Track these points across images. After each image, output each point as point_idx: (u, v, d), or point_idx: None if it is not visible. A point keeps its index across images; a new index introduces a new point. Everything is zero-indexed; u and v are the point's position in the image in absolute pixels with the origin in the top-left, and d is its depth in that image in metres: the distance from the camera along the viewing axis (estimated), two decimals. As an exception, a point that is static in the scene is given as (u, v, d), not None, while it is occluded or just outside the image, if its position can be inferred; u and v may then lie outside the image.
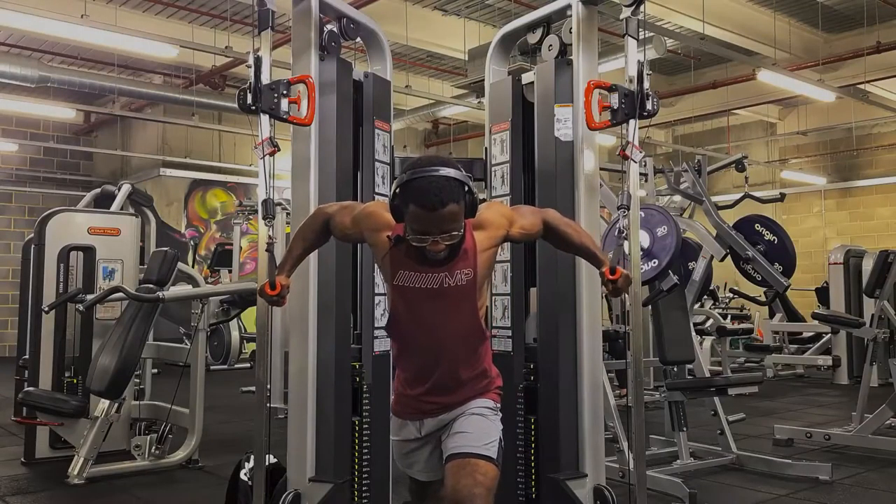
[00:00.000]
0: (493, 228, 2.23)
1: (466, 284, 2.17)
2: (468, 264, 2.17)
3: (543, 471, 2.87)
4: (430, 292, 2.16)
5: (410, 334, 2.24)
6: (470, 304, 2.21)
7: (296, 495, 2.66)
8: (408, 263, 2.16)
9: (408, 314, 2.21)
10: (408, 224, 2.09)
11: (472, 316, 2.22)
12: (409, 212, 2.05)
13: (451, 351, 2.22)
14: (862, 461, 4.68)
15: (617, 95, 2.61)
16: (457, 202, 2.04)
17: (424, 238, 2.06)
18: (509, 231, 2.28)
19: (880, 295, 5.42)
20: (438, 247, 2.07)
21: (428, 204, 2.01)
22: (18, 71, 8.84)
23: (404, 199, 2.05)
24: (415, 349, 2.26)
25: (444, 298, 2.17)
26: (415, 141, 15.01)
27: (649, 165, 5.67)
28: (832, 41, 11.06)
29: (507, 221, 2.27)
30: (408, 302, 2.19)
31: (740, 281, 7.75)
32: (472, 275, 2.17)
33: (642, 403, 2.73)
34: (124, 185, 5.42)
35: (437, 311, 2.18)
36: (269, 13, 2.57)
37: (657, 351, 4.71)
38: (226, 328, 8.02)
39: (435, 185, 2.01)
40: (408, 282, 2.17)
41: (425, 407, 2.26)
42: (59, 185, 13.12)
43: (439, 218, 2.02)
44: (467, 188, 2.08)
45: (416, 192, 2.02)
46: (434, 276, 2.15)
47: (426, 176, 2.03)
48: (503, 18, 8.97)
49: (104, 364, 4.22)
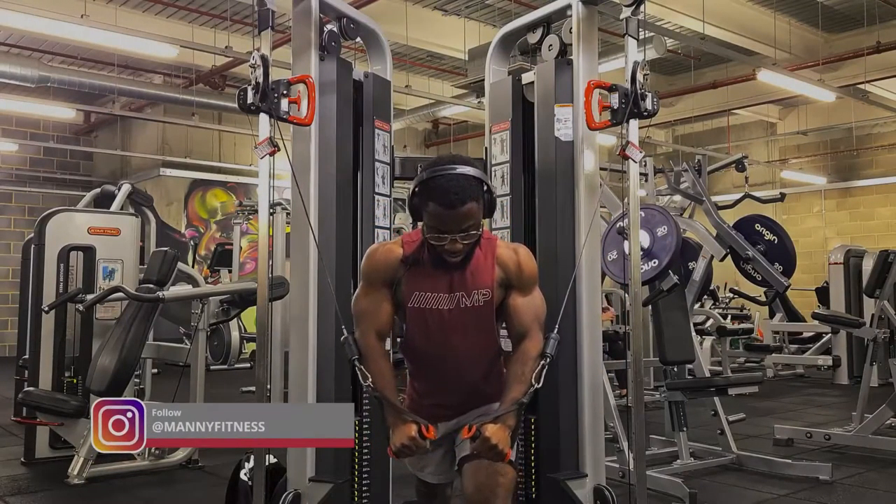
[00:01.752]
0: (508, 274, 2.18)
1: (484, 305, 2.16)
2: (486, 285, 2.15)
3: (543, 471, 2.86)
4: (446, 313, 2.15)
5: (427, 355, 2.23)
6: (488, 324, 2.20)
7: (296, 495, 2.65)
8: (424, 285, 2.15)
9: (424, 336, 2.20)
10: (426, 222, 2.09)
11: (490, 335, 2.21)
12: (428, 210, 2.05)
13: (468, 370, 2.22)
14: (862, 461, 4.67)
15: (617, 95, 2.61)
16: (476, 201, 2.05)
17: (443, 237, 2.05)
18: (509, 294, 2.20)
19: (880, 295, 5.41)
20: (456, 246, 2.07)
21: (447, 202, 2.01)
22: (18, 71, 8.84)
23: (423, 198, 2.05)
24: (432, 370, 2.25)
25: (462, 319, 2.16)
26: (415, 141, 15.01)
27: (649, 165, 5.68)
28: (832, 41, 11.05)
29: (515, 280, 2.19)
30: (424, 324, 2.18)
31: (740, 281, 7.75)
32: (490, 296, 2.16)
33: (642, 403, 2.72)
34: (124, 185, 5.42)
35: (455, 332, 2.17)
36: (269, 13, 2.57)
37: (657, 351, 4.72)
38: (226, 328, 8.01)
39: (455, 183, 2.02)
40: (424, 303, 2.16)
41: (440, 413, 2.26)
42: (59, 185, 13.11)
43: (458, 216, 2.03)
44: (486, 187, 2.08)
45: (435, 191, 2.03)
46: (451, 297, 2.14)
47: (446, 174, 2.04)
48: (503, 18, 8.96)
49: (104, 364, 4.22)
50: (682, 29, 9.66)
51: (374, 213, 2.98)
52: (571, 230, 2.89)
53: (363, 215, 2.96)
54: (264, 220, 2.62)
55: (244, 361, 8.38)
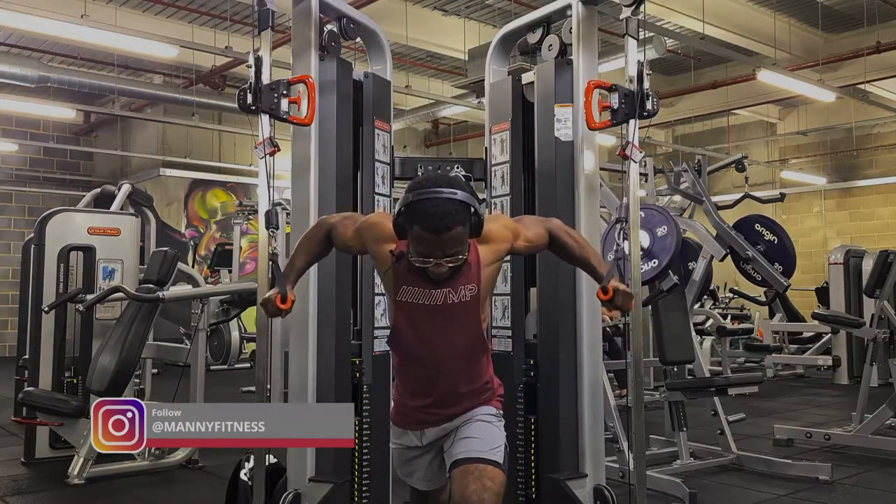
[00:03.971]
0: (498, 242, 2.19)
1: (470, 300, 2.15)
2: (472, 280, 2.14)
3: (543, 471, 2.87)
4: (433, 309, 2.14)
5: (413, 349, 2.21)
6: (474, 320, 2.18)
7: (296, 495, 2.66)
8: (411, 279, 2.13)
9: (410, 330, 2.18)
10: (411, 245, 2.06)
11: (476, 331, 2.20)
12: (413, 233, 2.02)
13: (454, 366, 2.20)
14: (862, 461, 4.68)
15: (617, 95, 2.61)
16: (462, 225, 2.01)
17: (427, 260, 2.03)
18: (514, 244, 2.23)
19: (880, 295, 5.41)
20: (441, 269, 2.04)
21: (433, 227, 1.97)
22: (18, 71, 8.85)
23: (409, 220, 2.02)
24: (417, 364, 2.23)
25: (448, 314, 2.14)
26: (415, 141, 15.01)
27: (649, 165, 5.67)
28: (832, 41, 11.06)
29: (511, 234, 2.23)
30: (411, 318, 2.17)
31: (740, 281, 7.75)
32: (476, 290, 2.15)
33: (642, 403, 2.73)
34: (124, 185, 5.42)
35: (441, 328, 2.16)
36: (269, 13, 2.57)
37: (657, 351, 4.72)
38: (226, 328, 8.02)
39: (441, 208, 1.97)
40: (411, 297, 2.14)
41: (427, 418, 2.24)
42: (59, 185, 13.11)
43: (444, 241, 2.00)
44: (473, 209, 2.04)
45: (420, 215, 1.98)
46: (437, 292, 2.12)
47: (432, 199, 1.99)
48: (503, 18, 8.96)
49: (104, 364, 4.23)
50: (682, 29, 9.66)
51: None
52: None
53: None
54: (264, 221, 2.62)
55: (244, 361, 8.39)
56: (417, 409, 2.24)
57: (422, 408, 2.24)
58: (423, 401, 2.23)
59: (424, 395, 2.23)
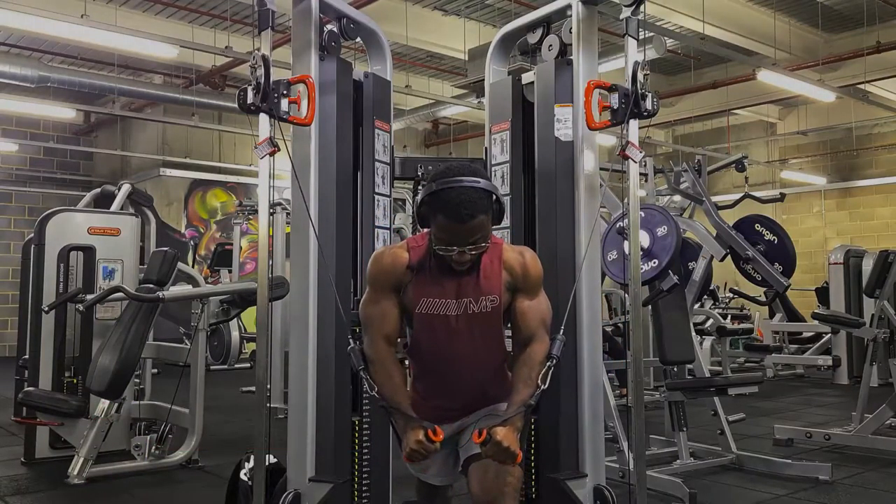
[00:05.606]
0: (517, 283, 2.18)
1: (491, 311, 2.16)
2: (494, 291, 2.15)
3: (543, 471, 2.86)
4: (454, 319, 2.15)
5: (433, 360, 2.22)
6: (496, 330, 2.19)
7: (296, 495, 2.65)
8: (431, 291, 2.14)
9: (431, 341, 2.19)
10: (434, 233, 2.08)
11: (497, 340, 2.21)
12: (437, 223, 2.04)
13: (474, 374, 2.21)
14: (862, 461, 4.67)
15: (617, 95, 2.61)
16: (485, 213, 2.04)
17: (451, 249, 2.05)
18: (515, 297, 2.20)
19: (880, 295, 5.42)
20: (465, 257, 2.06)
21: (457, 216, 2.00)
22: (18, 71, 8.84)
23: (432, 209, 2.04)
24: (437, 373, 2.24)
25: (469, 325, 2.15)
26: (415, 141, 15.01)
27: (649, 165, 5.67)
28: (832, 41, 11.06)
29: (526, 290, 2.20)
30: (431, 329, 2.17)
31: (740, 281, 7.75)
32: (498, 301, 2.16)
33: (642, 403, 2.72)
34: (124, 185, 5.41)
35: (462, 338, 2.17)
36: (269, 13, 2.57)
37: (657, 351, 4.71)
38: (226, 328, 8.02)
39: (465, 197, 2.00)
40: (432, 309, 2.15)
41: (443, 414, 2.25)
42: (59, 185, 13.12)
43: (468, 230, 2.02)
44: (495, 197, 2.07)
45: (444, 204, 2.01)
46: (459, 302, 2.13)
47: (455, 187, 2.02)
48: (503, 18, 8.97)
49: (104, 364, 4.22)
50: (682, 29, 9.67)
51: (373, 213, 2.98)
52: (571, 230, 2.89)
53: (363, 215, 2.96)
54: (264, 220, 2.62)
55: (244, 361, 8.39)
56: (434, 408, 2.25)
57: (439, 406, 2.25)
58: (441, 401, 2.25)
59: (443, 399, 2.25)
